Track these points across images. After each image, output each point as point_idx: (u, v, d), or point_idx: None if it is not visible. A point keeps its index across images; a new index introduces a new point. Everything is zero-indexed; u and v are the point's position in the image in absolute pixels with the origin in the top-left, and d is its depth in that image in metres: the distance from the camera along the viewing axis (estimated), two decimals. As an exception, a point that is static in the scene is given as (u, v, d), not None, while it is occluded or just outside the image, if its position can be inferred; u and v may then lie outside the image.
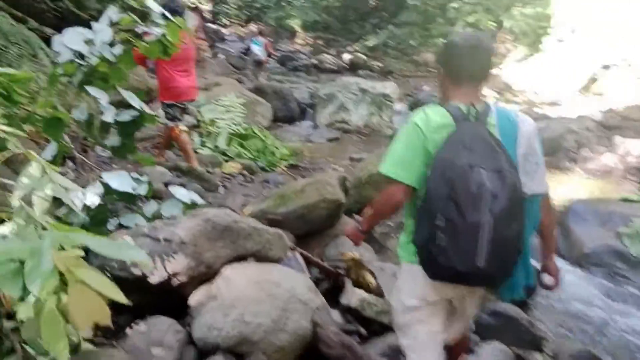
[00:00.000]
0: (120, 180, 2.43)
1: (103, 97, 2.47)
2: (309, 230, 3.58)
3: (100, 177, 2.51)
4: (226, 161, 5.51)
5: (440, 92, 1.98)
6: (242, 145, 6.36)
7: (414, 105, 10.70)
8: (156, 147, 5.37)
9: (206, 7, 31.91)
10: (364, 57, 17.13)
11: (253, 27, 16.72)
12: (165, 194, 3.93)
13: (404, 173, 1.78)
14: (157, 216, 2.79)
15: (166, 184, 4.22)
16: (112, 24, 2.57)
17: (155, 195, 3.88)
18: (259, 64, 11.98)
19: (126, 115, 2.59)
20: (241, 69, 14.78)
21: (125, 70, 2.74)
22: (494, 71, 13.09)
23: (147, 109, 2.71)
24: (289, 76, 14.59)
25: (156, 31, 2.73)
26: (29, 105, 2.73)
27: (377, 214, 1.95)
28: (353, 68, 15.82)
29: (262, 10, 28.67)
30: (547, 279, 2.01)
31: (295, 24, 24.06)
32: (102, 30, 2.48)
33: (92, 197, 2.30)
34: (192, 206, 2.84)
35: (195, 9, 14.22)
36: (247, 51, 12.26)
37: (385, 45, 18.48)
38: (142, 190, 2.57)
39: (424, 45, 16.16)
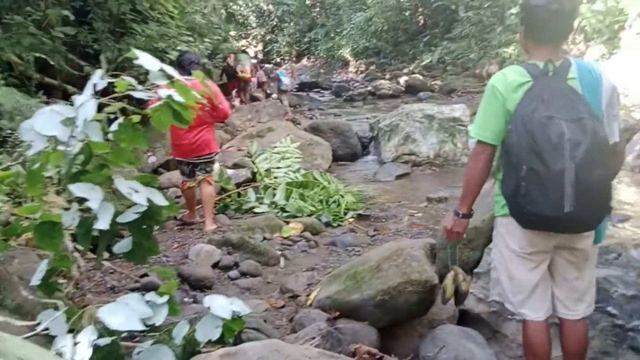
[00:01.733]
0: (124, 313, 1.72)
1: (94, 196, 1.81)
2: (394, 319, 2.76)
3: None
4: (286, 222, 4.79)
5: (521, 47, 2.10)
6: (302, 197, 5.66)
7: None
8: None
9: (258, 47, 32.48)
10: (421, 77, 16.24)
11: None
12: (215, 283, 3.24)
13: (487, 133, 1.93)
14: (191, 342, 2.06)
15: (214, 265, 3.54)
16: (102, 92, 1.93)
17: (200, 284, 3.21)
18: (283, 91, 13.05)
19: (130, 215, 1.92)
20: (295, 106, 14.34)
21: (128, 148, 2.08)
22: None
23: (159, 196, 2.02)
24: (345, 107, 13.98)
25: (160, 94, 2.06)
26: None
27: (470, 183, 2.07)
28: (411, 90, 14.98)
29: (311, 43, 28.67)
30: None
31: (346, 53, 23.68)
32: (84, 105, 1.82)
33: (83, 350, 1.60)
34: (235, 323, 2.10)
35: (244, 52, 14.06)
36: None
37: (442, 62, 17.57)
38: (159, 317, 1.85)
39: (485, 57, 15.06)
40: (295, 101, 15.01)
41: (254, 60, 15.09)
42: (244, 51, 13.89)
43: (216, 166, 6.18)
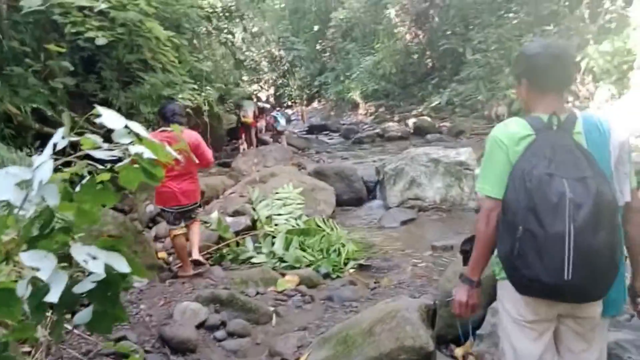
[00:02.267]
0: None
1: (45, 266, 1.65)
2: (388, 389, 2.53)
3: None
4: (283, 274, 4.60)
5: (522, 103, 1.96)
6: (302, 246, 5.47)
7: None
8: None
9: (270, 91, 32.99)
10: (429, 119, 16.19)
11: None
12: (200, 345, 3.05)
13: (495, 188, 1.77)
14: None
15: (200, 325, 3.35)
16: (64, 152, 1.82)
17: (182, 347, 3.02)
18: (280, 132, 13.55)
19: (87, 284, 1.76)
20: (303, 149, 14.31)
21: (92, 209, 1.94)
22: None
23: (121, 262, 1.86)
24: (352, 150, 13.90)
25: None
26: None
27: (483, 246, 1.84)
28: (419, 132, 14.90)
29: (322, 87, 29.00)
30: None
31: (355, 95, 23.84)
32: (41, 166, 1.70)
33: None
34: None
35: (249, 98, 14.17)
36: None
37: (451, 104, 17.55)
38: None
39: (493, 99, 15.01)
40: (304, 144, 14.99)
41: (267, 105, 15.14)
42: (249, 97, 13.98)
43: (214, 215, 6.05)
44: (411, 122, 16.30)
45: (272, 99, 31.52)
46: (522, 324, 1.84)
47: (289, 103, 31.80)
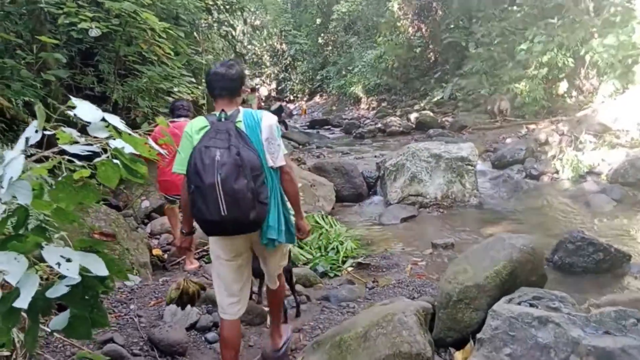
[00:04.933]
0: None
1: (14, 269, 1.55)
2: (383, 397, 2.42)
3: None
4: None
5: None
6: (300, 243, 5.36)
7: (499, 163, 9.36)
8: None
9: (272, 86, 32.80)
10: (432, 114, 16.03)
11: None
12: (190, 348, 2.94)
13: (183, 166, 2.51)
14: None
15: (191, 327, 3.24)
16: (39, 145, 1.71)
17: (171, 350, 2.91)
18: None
19: (61, 288, 1.66)
20: (304, 143, 14.18)
21: (69, 208, 1.83)
22: (584, 112, 11.53)
23: (99, 264, 1.76)
24: (353, 145, 13.76)
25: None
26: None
27: (184, 204, 2.67)
28: (421, 127, 14.75)
29: (323, 81, 28.83)
30: (299, 232, 2.82)
31: (357, 90, 23.67)
32: (12, 162, 1.59)
33: None
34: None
35: (253, 90, 14.09)
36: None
37: (453, 98, 17.37)
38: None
39: (496, 93, 14.83)
40: (304, 139, 14.86)
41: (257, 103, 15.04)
42: (252, 89, 13.85)
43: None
44: (413, 116, 16.14)
45: (274, 93, 31.42)
46: (221, 260, 2.63)
47: (291, 97, 31.63)
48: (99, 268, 1.75)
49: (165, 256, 5.08)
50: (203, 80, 8.64)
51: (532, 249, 3.34)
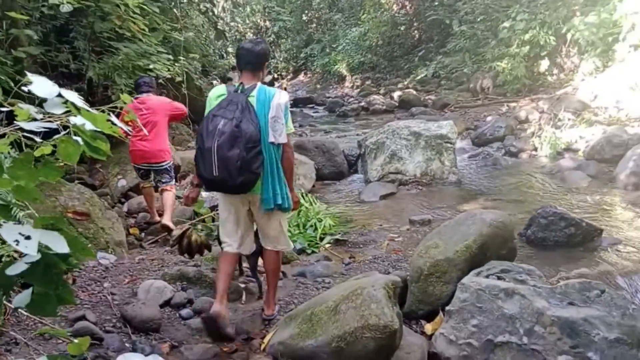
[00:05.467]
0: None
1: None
2: (352, 368, 2.47)
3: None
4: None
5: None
6: (278, 221, 5.37)
7: (479, 141, 9.41)
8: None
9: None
10: (415, 92, 16.01)
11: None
12: (164, 324, 2.96)
13: None
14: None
15: (165, 304, 3.26)
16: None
17: (145, 327, 2.92)
18: None
19: (20, 266, 1.64)
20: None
21: (28, 186, 1.81)
22: (564, 90, 11.60)
23: (59, 241, 1.74)
24: (336, 124, 13.73)
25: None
26: None
27: (195, 162, 3.04)
28: (404, 106, 14.73)
29: (308, 59, 28.54)
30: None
31: (342, 68, 23.49)
32: (-36, 141, 1.57)
33: None
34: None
35: (234, 69, 13.92)
36: None
37: (437, 76, 17.35)
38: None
39: (479, 71, 14.85)
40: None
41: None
42: (233, 68, 13.68)
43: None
44: (396, 95, 16.11)
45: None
46: (221, 208, 3.20)
47: (275, 75, 31.32)
48: (59, 245, 1.74)
49: (143, 235, 5.07)
50: (181, 58, 8.52)
51: (502, 223, 3.40)
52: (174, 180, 5.44)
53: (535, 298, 2.79)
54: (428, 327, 3.14)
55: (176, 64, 7.60)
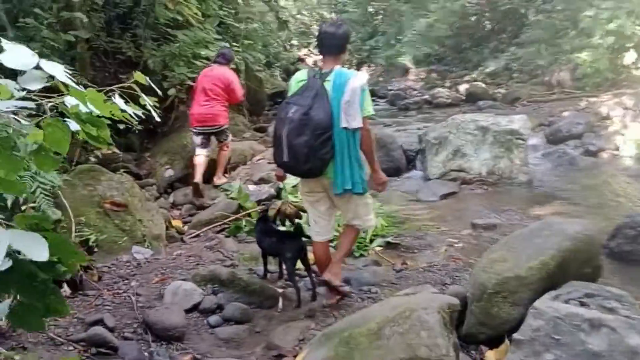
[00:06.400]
0: None
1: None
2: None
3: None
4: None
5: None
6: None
7: (554, 138, 8.60)
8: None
9: (318, 57, 32.23)
10: (483, 85, 15.12)
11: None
12: (189, 332, 2.66)
13: None
14: None
15: (192, 308, 2.96)
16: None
17: (167, 334, 2.63)
18: None
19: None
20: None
21: (10, 177, 1.52)
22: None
23: (37, 247, 1.44)
24: (397, 117, 13.16)
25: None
26: None
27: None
28: (471, 99, 13.91)
29: (371, 51, 27.93)
30: (374, 185, 3.34)
31: (406, 60, 22.74)
32: None
33: None
34: None
35: (302, 60, 13.69)
36: None
37: (508, 69, 16.33)
38: None
39: (556, 64, 13.76)
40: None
41: None
42: (300, 59, 13.45)
43: (235, 183, 5.67)
44: (463, 88, 15.29)
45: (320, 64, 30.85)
46: (303, 194, 3.33)
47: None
48: (37, 252, 1.43)
49: (185, 228, 4.85)
50: (239, 47, 8.32)
51: (588, 236, 2.84)
52: (229, 137, 6.01)
53: (628, 332, 2.26)
54: (490, 355, 2.66)
55: (238, 54, 7.39)
